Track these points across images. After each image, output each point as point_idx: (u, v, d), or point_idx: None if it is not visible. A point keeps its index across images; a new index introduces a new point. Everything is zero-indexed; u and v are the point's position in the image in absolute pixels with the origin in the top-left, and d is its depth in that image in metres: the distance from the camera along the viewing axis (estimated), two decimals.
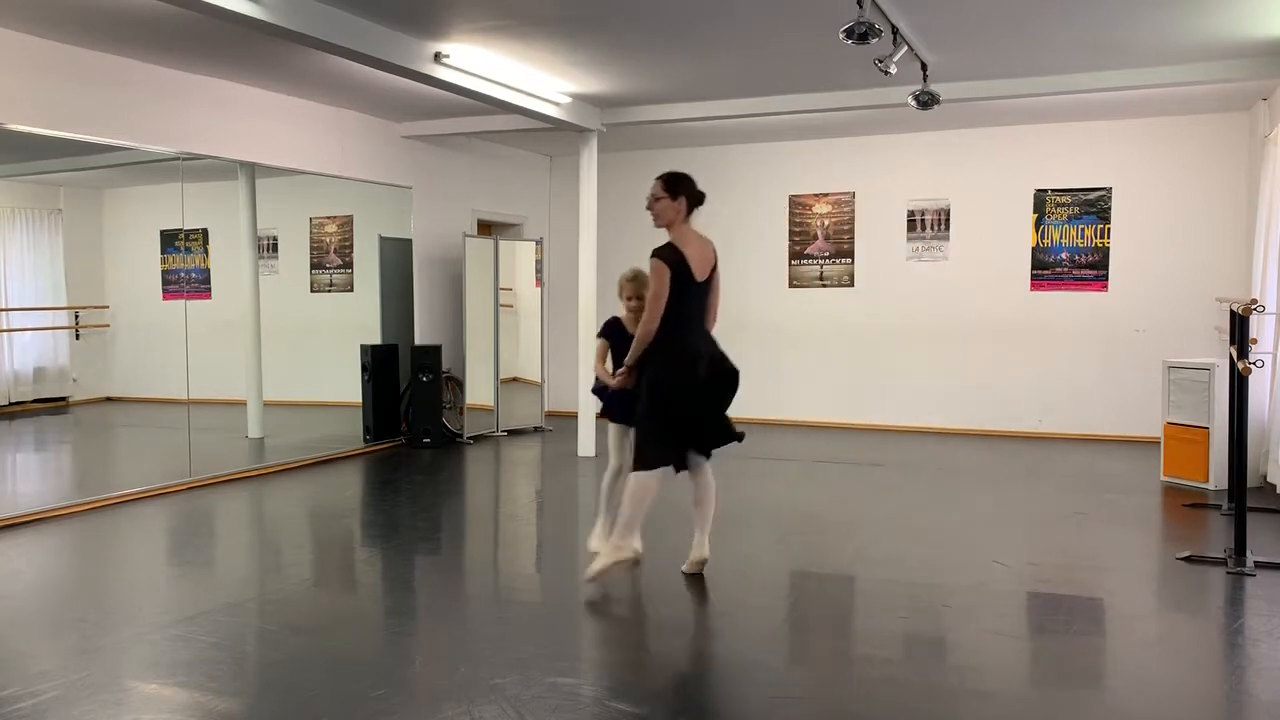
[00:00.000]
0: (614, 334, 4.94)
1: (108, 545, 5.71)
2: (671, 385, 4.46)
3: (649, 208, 4.57)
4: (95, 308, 7.63)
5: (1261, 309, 5.92)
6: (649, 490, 4.51)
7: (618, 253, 10.80)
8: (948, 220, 9.78)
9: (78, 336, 7.57)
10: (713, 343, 4.61)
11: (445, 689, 3.42)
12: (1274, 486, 6.70)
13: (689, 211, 4.59)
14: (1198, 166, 8.91)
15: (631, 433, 4.72)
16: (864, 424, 10.09)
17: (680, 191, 4.57)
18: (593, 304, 8.64)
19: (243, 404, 8.19)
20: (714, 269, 4.61)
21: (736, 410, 4.63)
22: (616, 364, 4.85)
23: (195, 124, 7.18)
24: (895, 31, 5.77)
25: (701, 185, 4.65)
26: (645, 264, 4.53)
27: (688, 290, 4.45)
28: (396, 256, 9.23)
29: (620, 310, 4.96)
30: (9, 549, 5.42)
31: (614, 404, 4.88)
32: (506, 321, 9.84)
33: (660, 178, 4.62)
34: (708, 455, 4.75)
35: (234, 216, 8.16)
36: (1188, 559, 5.03)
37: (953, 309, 9.73)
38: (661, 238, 4.59)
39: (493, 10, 5.69)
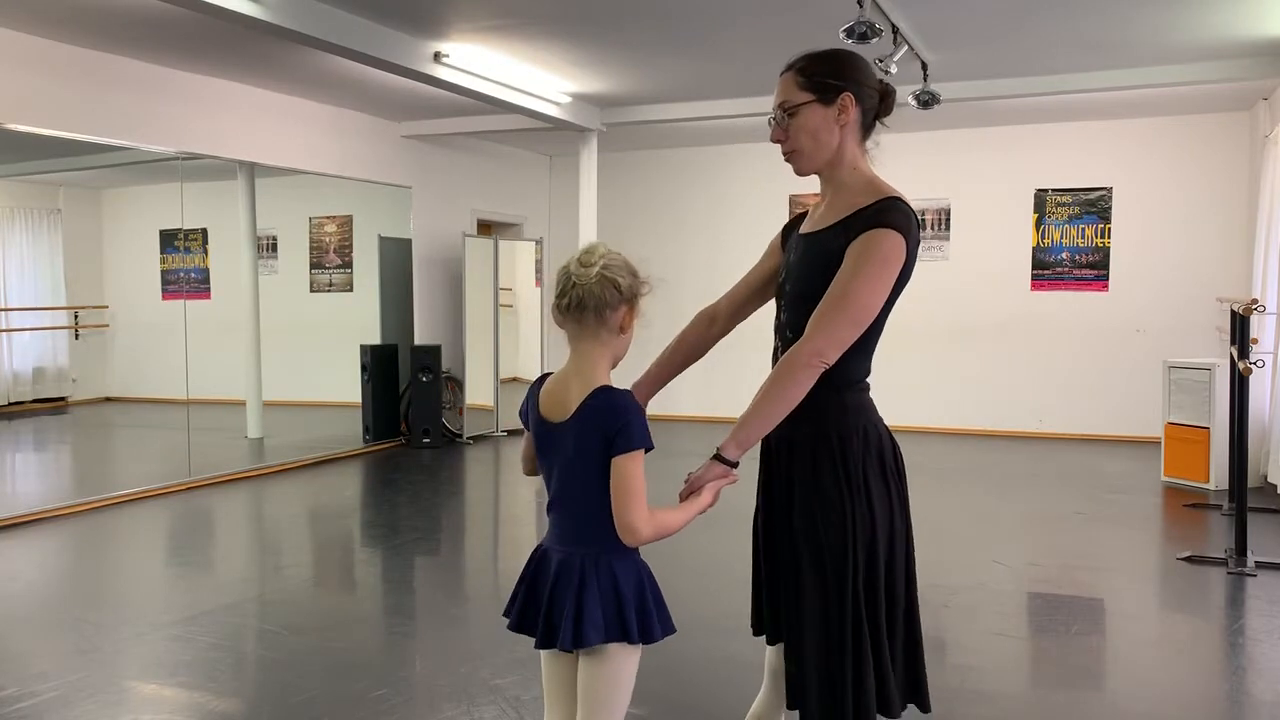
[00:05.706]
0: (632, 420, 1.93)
1: (108, 545, 5.71)
2: (895, 520, 2.20)
3: (777, 138, 2.16)
4: (94, 308, 7.63)
5: (1262, 309, 5.93)
6: None
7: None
8: (948, 220, 9.78)
9: (77, 336, 7.57)
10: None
11: (445, 689, 3.42)
12: (1275, 486, 6.69)
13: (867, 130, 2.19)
14: (1198, 166, 8.91)
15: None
16: None
17: (847, 86, 2.11)
18: None
19: (242, 404, 8.19)
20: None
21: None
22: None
23: (195, 124, 7.18)
24: (895, 31, 5.77)
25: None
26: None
27: (892, 301, 2.11)
28: (396, 256, 9.22)
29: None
30: (9, 549, 5.42)
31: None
32: (506, 321, 9.83)
33: (798, 62, 2.14)
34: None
35: (233, 216, 8.16)
36: (1188, 559, 5.02)
37: (953, 309, 9.73)
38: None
39: (493, 10, 5.69)
